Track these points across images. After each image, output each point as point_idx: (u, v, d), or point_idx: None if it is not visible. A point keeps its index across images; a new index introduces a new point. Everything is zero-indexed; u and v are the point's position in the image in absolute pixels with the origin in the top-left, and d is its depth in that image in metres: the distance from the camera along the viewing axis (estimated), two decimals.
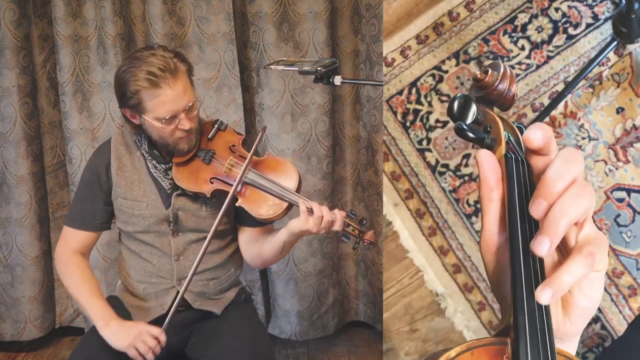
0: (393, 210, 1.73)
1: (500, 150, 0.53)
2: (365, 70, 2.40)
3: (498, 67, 0.57)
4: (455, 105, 0.56)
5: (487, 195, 0.51)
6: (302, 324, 2.55)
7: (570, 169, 0.46)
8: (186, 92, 1.47)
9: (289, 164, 1.58)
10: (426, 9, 1.68)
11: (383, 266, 1.77)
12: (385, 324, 1.76)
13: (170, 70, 1.43)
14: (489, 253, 0.52)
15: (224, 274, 1.66)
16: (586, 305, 0.49)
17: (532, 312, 0.46)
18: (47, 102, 2.44)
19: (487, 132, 0.55)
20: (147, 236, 1.59)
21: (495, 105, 0.58)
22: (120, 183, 1.58)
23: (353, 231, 1.48)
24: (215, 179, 1.53)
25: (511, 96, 0.57)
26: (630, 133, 1.62)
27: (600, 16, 1.62)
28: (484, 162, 0.51)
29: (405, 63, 1.70)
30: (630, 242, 1.64)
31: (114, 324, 1.52)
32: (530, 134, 0.48)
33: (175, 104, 1.45)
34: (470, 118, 0.56)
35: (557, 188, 0.45)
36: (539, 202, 0.45)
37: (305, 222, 1.43)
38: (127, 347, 1.46)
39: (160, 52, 1.46)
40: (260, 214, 1.51)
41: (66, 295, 2.60)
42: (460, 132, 0.54)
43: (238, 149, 1.57)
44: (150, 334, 1.47)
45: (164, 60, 1.43)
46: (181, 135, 1.50)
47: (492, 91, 0.56)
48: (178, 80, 1.44)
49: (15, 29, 2.26)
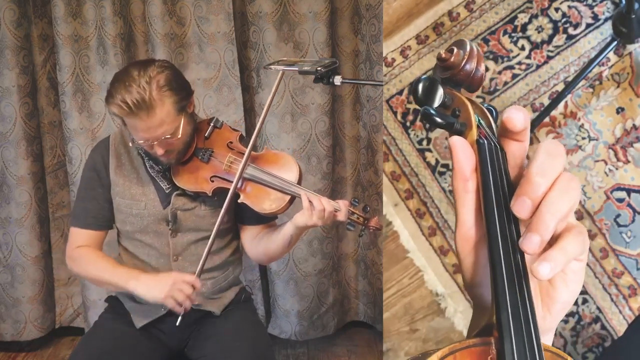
0: (393, 210, 1.73)
1: (472, 135, 0.49)
2: (365, 70, 2.40)
3: (464, 45, 0.52)
4: (420, 88, 0.52)
5: (461, 186, 0.47)
6: (302, 324, 2.55)
7: (555, 164, 0.44)
8: (163, 124, 1.42)
9: (288, 156, 1.57)
10: (426, 9, 1.68)
11: (383, 266, 1.77)
12: (385, 324, 1.76)
13: (145, 107, 1.37)
14: (466, 248, 0.49)
15: (223, 274, 1.66)
16: (567, 299, 0.47)
17: (516, 308, 0.43)
18: (47, 102, 2.44)
19: (456, 117, 0.51)
20: (146, 236, 1.59)
21: (463, 86, 0.53)
22: (118, 182, 1.58)
23: (358, 219, 1.48)
24: (216, 177, 1.53)
25: (479, 76, 0.52)
26: (630, 133, 1.62)
27: (600, 16, 1.62)
28: (458, 150, 0.47)
29: (405, 63, 1.70)
30: (630, 242, 1.64)
31: (144, 278, 1.50)
32: (513, 115, 0.46)
33: (148, 133, 1.43)
34: (437, 101, 0.52)
35: (542, 186, 0.43)
36: (523, 201, 0.43)
37: (309, 217, 1.43)
38: (164, 299, 1.44)
39: (145, 79, 1.38)
40: (264, 209, 1.51)
41: (66, 295, 2.60)
42: (427, 118, 0.50)
43: (236, 146, 1.56)
44: (185, 282, 1.45)
45: (142, 94, 1.37)
46: (160, 155, 1.48)
47: (459, 71, 0.52)
48: (153, 115, 1.39)
49: (15, 29, 2.26)
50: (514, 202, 0.43)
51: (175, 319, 1.58)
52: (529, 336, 0.43)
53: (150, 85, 1.39)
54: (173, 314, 1.59)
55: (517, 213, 0.43)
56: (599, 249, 1.65)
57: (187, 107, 1.50)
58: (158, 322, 1.59)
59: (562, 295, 0.47)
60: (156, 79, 1.40)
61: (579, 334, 1.68)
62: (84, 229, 1.61)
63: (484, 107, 0.53)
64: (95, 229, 1.61)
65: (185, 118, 1.48)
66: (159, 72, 1.42)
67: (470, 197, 0.48)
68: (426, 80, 0.52)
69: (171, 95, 1.42)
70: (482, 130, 0.50)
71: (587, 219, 1.65)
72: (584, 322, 1.67)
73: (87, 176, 1.62)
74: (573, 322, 1.68)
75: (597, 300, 1.66)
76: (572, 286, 0.47)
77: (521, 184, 0.43)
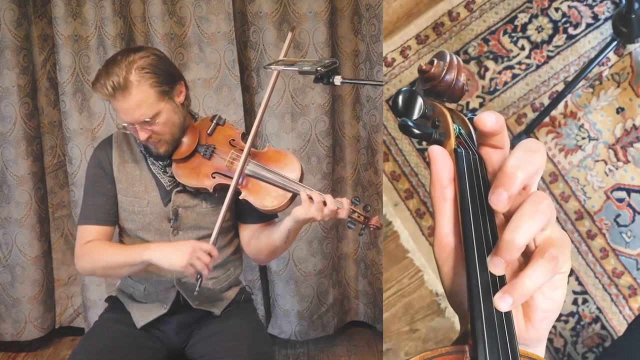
0: (393, 210, 1.73)
1: (450, 145, 0.50)
2: (365, 70, 2.40)
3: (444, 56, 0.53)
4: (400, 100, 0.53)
5: (439, 194, 0.48)
6: (302, 324, 2.55)
7: (532, 159, 0.43)
8: (140, 107, 1.43)
9: (290, 154, 1.58)
10: (426, 9, 1.68)
11: (383, 266, 1.77)
12: (385, 324, 1.76)
13: (120, 88, 1.41)
14: (443, 255, 0.48)
15: (224, 274, 1.65)
16: (548, 307, 0.46)
17: (490, 316, 0.43)
18: (47, 102, 2.44)
19: (436, 127, 0.52)
20: (147, 234, 1.59)
21: (445, 97, 0.55)
22: (121, 179, 1.58)
23: (358, 217, 1.48)
24: (217, 173, 1.53)
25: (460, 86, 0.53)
26: (630, 133, 1.62)
27: (600, 16, 1.62)
28: (436, 159, 0.48)
29: (405, 63, 1.70)
30: (630, 242, 1.64)
31: (159, 246, 1.50)
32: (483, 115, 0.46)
33: (127, 116, 1.45)
34: (416, 113, 0.53)
35: (518, 177, 0.42)
36: (499, 193, 0.42)
37: (307, 210, 1.43)
38: (185, 267, 1.43)
39: (125, 63, 1.42)
40: (265, 206, 1.51)
41: (66, 295, 2.60)
42: (405, 129, 0.51)
43: (238, 143, 1.57)
44: (203, 250, 1.44)
45: (118, 76, 1.40)
46: (143, 140, 1.49)
47: (440, 83, 0.53)
48: (129, 96, 1.42)
49: (15, 29, 2.26)
50: (491, 193, 0.42)
51: (174, 319, 1.58)
52: (504, 344, 0.43)
53: (130, 68, 1.42)
54: (173, 314, 1.59)
55: (494, 205, 0.42)
56: (599, 249, 1.65)
57: (172, 94, 1.50)
58: (158, 322, 1.59)
59: (541, 304, 0.46)
60: (137, 62, 1.44)
61: (579, 334, 1.68)
62: (96, 225, 1.58)
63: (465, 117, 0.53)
64: (107, 224, 1.59)
65: (169, 104, 1.49)
66: (142, 56, 1.45)
67: (448, 204, 0.48)
68: (406, 92, 0.53)
69: (150, 77, 1.44)
70: (461, 140, 0.50)
71: (587, 219, 1.65)
72: (584, 322, 1.67)
73: (93, 173, 1.61)
74: (573, 322, 1.68)
75: (597, 300, 1.66)
76: (551, 295, 0.46)
77: (497, 176, 0.43)
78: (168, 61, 1.54)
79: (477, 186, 0.47)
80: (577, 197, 1.65)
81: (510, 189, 0.42)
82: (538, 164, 0.44)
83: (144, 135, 1.47)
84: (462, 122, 0.52)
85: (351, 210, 1.47)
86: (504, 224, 0.45)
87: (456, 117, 0.53)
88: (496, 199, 0.42)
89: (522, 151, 0.44)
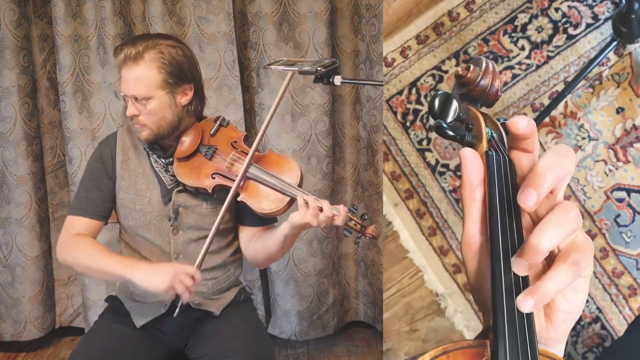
0: (393, 210, 1.73)
1: (482, 148, 0.51)
2: (365, 70, 2.40)
3: (480, 62, 0.56)
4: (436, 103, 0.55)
5: (469, 195, 0.49)
6: (302, 324, 2.55)
7: (562, 162, 0.45)
8: (139, 82, 1.47)
9: (291, 159, 1.58)
10: (426, 9, 1.68)
11: (383, 266, 1.77)
12: (385, 324, 1.76)
13: (132, 57, 1.46)
14: (470, 254, 0.50)
15: (224, 275, 1.66)
16: (569, 310, 0.48)
17: (512, 314, 0.44)
18: (47, 102, 2.44)
19: (469, 130, 0.54)
20: (148, 233, 1.59)
21: (479, 101, 0.57)
22: (124, 176, 1.58)
23: (355, 225, 1.49)
24: (217, 174, 1.54)
25: (494, 92, 0.56)
26: (630, 133, 1.62)
27: (600, 16, 1.62)
28: (467, 161, 0.49)
29: (405, 63, 1.70)
30: (630, 242, 1.64)
31: (143, 266, 1.49)
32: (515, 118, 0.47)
33: (125, 86, 1.50)
34: (451, 116, 0.54)
35: (548, 179, 0.43)
36: (528, 192, 0.43)
37: (304, 215, 1.43)
38: (166, 290, 1.42)
39: (153, 42, 1.48)
40: (262, 209, 1.51)
41: (66, 295, 2.60)
42: (439, 131, 0.53)
43: (240, 145, 1.57)
44: (186, 273, 1.43)
45: (138, 49, 1.46)
46: (128, 115, 1.52)
47: (475, 87, 0.55)
48: (135, 68, 1.47)
49: (15, 29, 2.26)
50: (520, 192, 0.44)
51: (174, 318, 1.58)
52: (524, 341, 0.44)
53: (151, 46, 1.47)
54: (173, 313, 1.59)
55: (522, 204, 0.44)
56: (599, 249, 1.65)
57: (175, 90, 1.52)
58: (158, 322, 1.59)
59: (562, 306, 0.47)
60: (159, 47, 1.48)
61: (579, 334, 1.68)
62: (84, 217, 1.58)
63: (498, 122, 0.55)
64: (96, 218, 1.59)
65: (167, 97, 1.50)
66: (168, 44, 1.50)
67: (477, 205, 0.49)
68: (442, 95, 0.55)
69: (162, 63, 1.48)
70: (493, 143, 0.52)
71: (587, 219, 1.65)
72: (584, 322, 1.67)
73: (92, 167, 1.62)
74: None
75: (597, 300, 1.66)
76: (572, 298, 0.47)
77: (527, 177, 0.44)
78: (190, 61, 1.55)
79: (506, 188, 0.48)
80: (577, 197, 1.65)
81: (539, 188, 0.43)
82: (567, 168, 0.45)
83: (130, 111, 1.50)
84: (494, 126, 0.54)
85: (348, 217, 1.47)
86: (530, 227, 0.47)
87: (489, 121, 0.55)
88: (525, 197, 0.43)
89: (553, 155, 0.45)
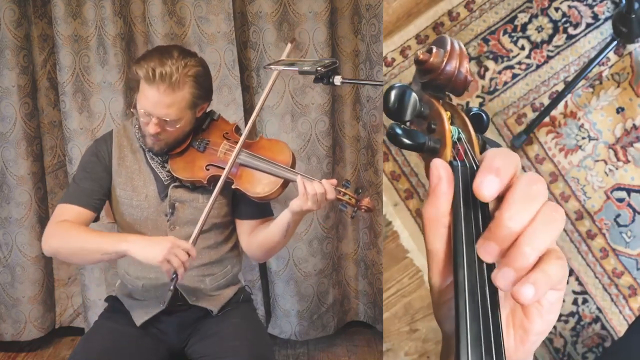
0: (393, 210, 1.73)
1: (446, 156, 0.43)
2: (365, 70, 2.40)
3: (444, 43, 0.46)
4: (391, 98, 0.45)
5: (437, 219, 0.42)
6: (302, 324, 2.55)
7: (530, 208, 0.39)
8: (172, 106, 1.46)
9: (281, 142, 1.61)
10: (426, 9, 1.68)
11: (383, 266, 1.77)
12: (385, 324, 1.76)
13: (167, 82, 1.43)
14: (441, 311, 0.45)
15: (221, 271, 1.66)
16: (542, 330, 0.44)
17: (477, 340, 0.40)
18: (47, 102, 2.44)
19: (432, 131, 0.45)
20: (144, 229, 1.59)
21: (447, 90, 0.48)
22: (121, 172, 1.58)
23: (349, 200, 1.50)
24: (211, 165, 1.56)
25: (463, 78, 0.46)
26: (630, 133, 1.62)
27: (600, 16, 1.62)
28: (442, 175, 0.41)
29: (405, 63, 1.70)
30: (630, 242, 1.64)
31: (137, 239, 1.46)
32: (481, 185, 0.39)
33: (153, 107, 1.46)
34: (409, 113, 0.45)
35: (513, 231, 0.38)
36: (489, 246, 0.39)
37: (304, 202, 1.44)
38: (161, 262, 1.39)
39: (182, 62, 1.45)
40: (257, 193, 1.53)
41: (66, 295, 2.60)
42: (393, 139, 0.44)
43: (231, 135, 1.60)
44: (181, 248, 1.41)
45: (172, 70, 1.42)
46: (151, 133, 1.50)
47: (440, 74, 0.46)
48: (171, 93, 1.44)
49: (15, 29, 2.26)
50: (480, 245, 0.40)
51: (173, 318, 1.58)
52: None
53: (185, 70, 1.45)
54: (172, 313, 1.59)
55: (482, 257, 0.40)
56: (599, 249, 1.65)
57: (198, 108, 1.54)
58: (158, 322, 1.59)
59: (536, 327, 0.44)
60: (190, 67, 1.47)
61: (579, 334, 1.68)
62: (76, 206, 1.55)
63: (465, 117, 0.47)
64: (86, 207, 1.55)
65: (191, 116, 1.53)
66: (195, 64, 1.49)
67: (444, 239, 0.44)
68: (398, 89, 0.46)
69: (194, 87, 1.48)
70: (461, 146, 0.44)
71: (587, 219, 1.65)
72: (584, 322, 1.67)
73: (87, 160, 1.61)
74: (573, 322, 1.68)
75: (597, 300, 1.66)
76: (547, 317, 0.44)
77: (490, 227, 0.39)
78: (210, 77, 1.57)
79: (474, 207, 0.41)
80: (577, 197, 1.65)
81: (501, 243, 0.39)
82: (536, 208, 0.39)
83: (154, 130, 1.48)
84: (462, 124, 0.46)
85: (342, 192, 1.49)
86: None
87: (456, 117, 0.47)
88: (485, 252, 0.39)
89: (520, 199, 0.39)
